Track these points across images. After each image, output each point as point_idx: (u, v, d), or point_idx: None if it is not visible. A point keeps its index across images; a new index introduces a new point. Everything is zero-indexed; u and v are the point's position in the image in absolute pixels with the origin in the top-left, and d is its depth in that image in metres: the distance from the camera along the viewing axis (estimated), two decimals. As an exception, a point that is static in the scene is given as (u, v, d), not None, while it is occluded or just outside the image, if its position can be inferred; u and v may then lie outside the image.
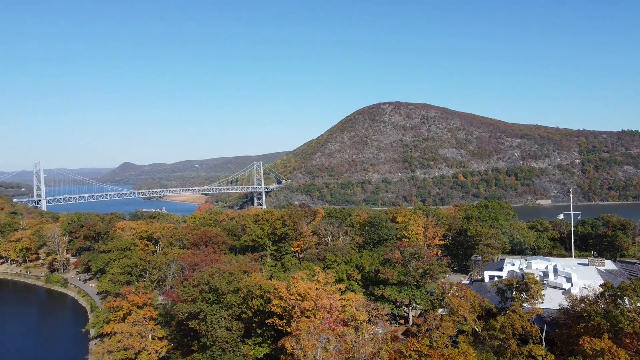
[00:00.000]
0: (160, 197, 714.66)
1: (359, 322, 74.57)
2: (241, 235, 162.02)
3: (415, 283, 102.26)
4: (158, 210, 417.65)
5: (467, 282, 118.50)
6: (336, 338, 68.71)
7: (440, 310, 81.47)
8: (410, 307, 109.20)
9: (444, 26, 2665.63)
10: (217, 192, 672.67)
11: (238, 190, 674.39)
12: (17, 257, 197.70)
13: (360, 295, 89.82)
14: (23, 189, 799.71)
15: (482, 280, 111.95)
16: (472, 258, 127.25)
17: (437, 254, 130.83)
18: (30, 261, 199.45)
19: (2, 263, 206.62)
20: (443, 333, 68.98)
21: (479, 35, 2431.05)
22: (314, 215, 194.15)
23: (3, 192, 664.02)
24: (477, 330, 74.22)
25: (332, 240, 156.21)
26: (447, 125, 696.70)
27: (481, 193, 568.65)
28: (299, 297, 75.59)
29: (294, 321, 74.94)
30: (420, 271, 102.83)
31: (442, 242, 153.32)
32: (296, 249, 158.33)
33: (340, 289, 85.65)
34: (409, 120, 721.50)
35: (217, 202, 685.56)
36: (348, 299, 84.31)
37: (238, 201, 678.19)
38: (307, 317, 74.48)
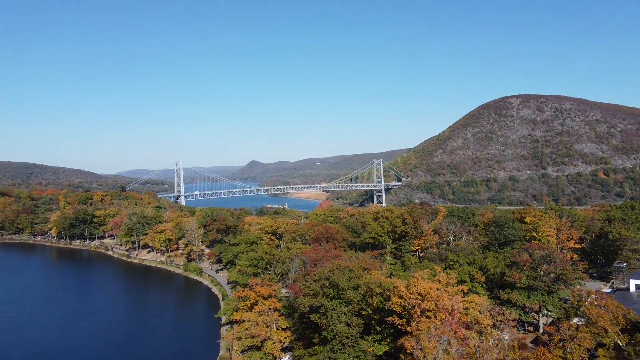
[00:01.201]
0: (283, 193, 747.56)
1: (482, 326, 71.14)
2: (361, 233, 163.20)
3: (546, 288, 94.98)
4: (281, 206, 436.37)
5: (609, 290, 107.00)
6: (458, 341, 66.28)
7: (575, 320, 74.63)
8: (540, 314, 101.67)
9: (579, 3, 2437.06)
10: (338, 189, 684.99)
11: (358, 188, 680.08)
12: (161, 246, 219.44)
13: (484, 299, 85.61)
14: (166, 186, 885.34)
15: (627, 289, 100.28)
16: (615, 264, 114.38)
17: (571, 258, 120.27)
18: (172, 251, 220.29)
19: (149, 252, 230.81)
20: (579, 345, 63.10)
21: (621, 12, 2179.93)
22: (435, 213, 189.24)
23: (150, 188, 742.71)
24: (621, 344, 66.70)
25: (454, 240, 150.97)
26: (584, 117, 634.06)
27: (626, 192, 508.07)
28: (419, 297, 74.16)
29: (413, 321, 73.73)
30: (552, 276, 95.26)
31: (577, 246, 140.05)
32: (416, 247, 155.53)
33: (462, 290, 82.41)
34: (540, 113, 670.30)
35: (337, 199, 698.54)
36: (471, 302, 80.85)
37: (358, 198, 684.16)
38: (428, 317, 72.80)
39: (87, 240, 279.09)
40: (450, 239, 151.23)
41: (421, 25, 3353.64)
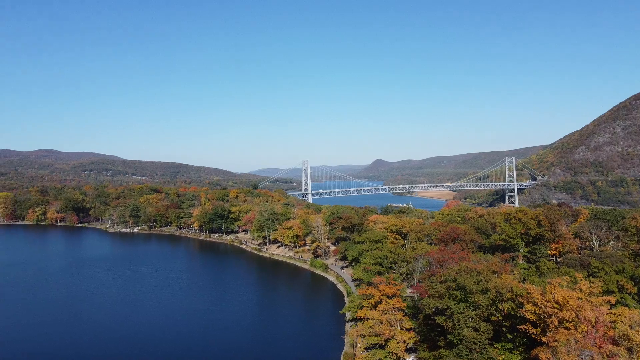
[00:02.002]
0: (408, 192, 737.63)
1: (634, 342, 63.32)
2: (490, 234, 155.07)
3: None
4: (406, 205, 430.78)
5: None
6: (603, 357, 59.82)
7: None
8: None
9: None
10: (465, 188, 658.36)
11: (487, 187, 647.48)
12: (289, 242, 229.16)
13: (636, 312, 76.19)
14: (294, 184, 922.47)
15: None
16: None
17: None
18: (299, 246, 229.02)
19: (278, 247, 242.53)
20: None
21: None
22: (575, 215, 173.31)
23: (280, 186, 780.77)
24: None
25: (599, 245, 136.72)
26: None
27: None
28: (556, 305, 68.33)
29: (550, 331, 68.13)
30: None
31: None
32: (553, 252, 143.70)
33: (608, 301, 74.35)
34: None
35: (465, 198, 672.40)
36: (619, 314, 72.51)
37: (487, 198, 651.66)
38: (567, 328, 66.77)
39: (224, 234, 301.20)
40: (594, 244, 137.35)
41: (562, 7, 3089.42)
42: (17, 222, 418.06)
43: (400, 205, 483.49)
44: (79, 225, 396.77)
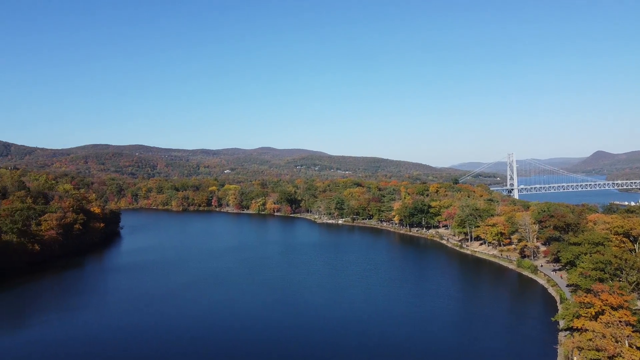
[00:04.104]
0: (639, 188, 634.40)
1: None
2: None
3: None
4: (636, 203, 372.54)
5: None
6: None
7: None
8: None
9: None
10: None
11: None
12: (493, 240, 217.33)
13: None
14: (498, 179, 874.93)
15: None
16: None
17: None
18: (504, 245, 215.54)
19: (481, 244, 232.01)
20: None
21: None
22: None
23: (482, 181, 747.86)
24: None
25: None
26: None
27: None
28: None
29: None
30: None
31: None
32: None
33: None
34: None
35: None
36: None
37: None
38: None
39: (424, 228, 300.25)
40: None
41: None
42: (243, 212, 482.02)
43: (627, 203, 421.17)
44: (291, 215, 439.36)
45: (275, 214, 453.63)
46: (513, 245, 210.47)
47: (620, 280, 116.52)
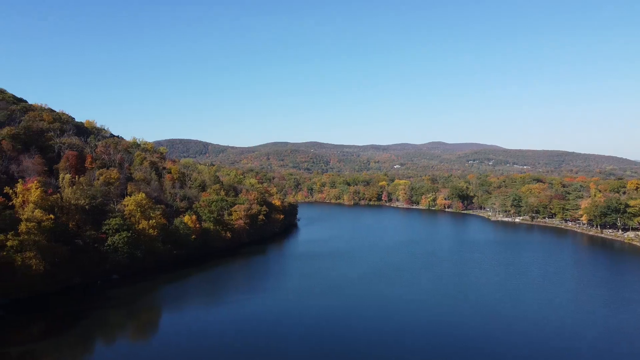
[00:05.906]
0: None
1: None
2: None
3: None
4: None
5: None
6: None
7: None
8: None
9: None
10: None
11: None
12: None
13: None
14: None
15: None
16: None
17: None
18: None
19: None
20: None
21: None
22: None
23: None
24: None
25: None
26: None
27: None
28: None
29: None
30: None
31: None
32: None
33: None
34: None
35: None
36: None
37: None
38: None
39: (620, 230, 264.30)
40: None
41: None
42: (413, 207, 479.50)
43: None
44: (463, 212, 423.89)
45: (446, 210, 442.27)
46: None
47: None
